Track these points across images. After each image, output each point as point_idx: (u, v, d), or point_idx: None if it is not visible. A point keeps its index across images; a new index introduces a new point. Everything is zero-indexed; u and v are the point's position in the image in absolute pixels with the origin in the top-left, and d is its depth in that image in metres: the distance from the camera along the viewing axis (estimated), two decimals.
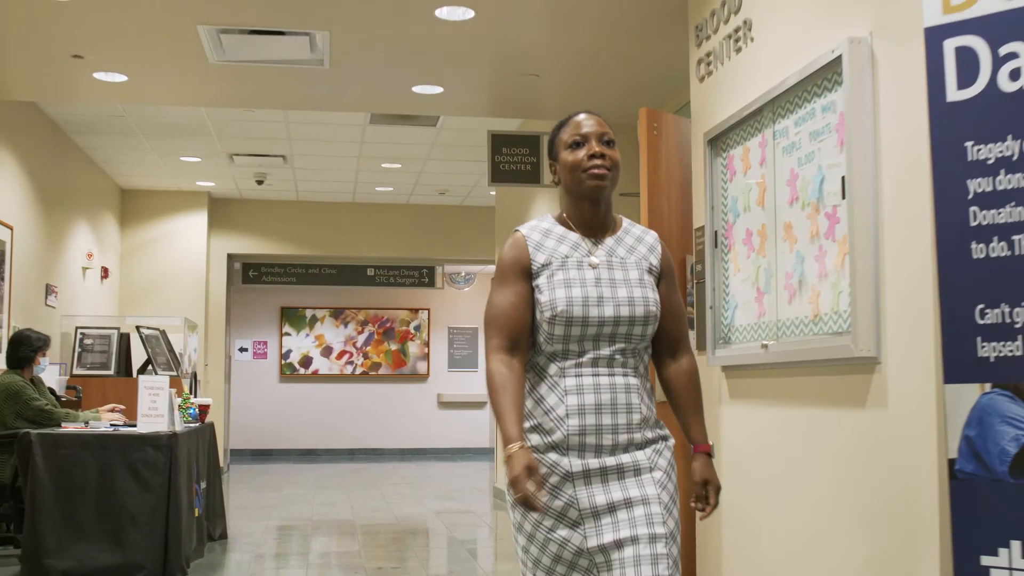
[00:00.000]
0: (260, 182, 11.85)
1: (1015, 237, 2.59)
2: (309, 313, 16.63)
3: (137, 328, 9.16)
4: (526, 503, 2.36)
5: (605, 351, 2.54)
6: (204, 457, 7.09)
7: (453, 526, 8.74)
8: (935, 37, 2.81)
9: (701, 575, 4.77)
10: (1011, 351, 2.59)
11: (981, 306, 2.64)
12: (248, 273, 14.26)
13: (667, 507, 2.51)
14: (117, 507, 5.84)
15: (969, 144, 2.71)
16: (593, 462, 2.49)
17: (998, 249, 2.62)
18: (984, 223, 2.66)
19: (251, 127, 9.56)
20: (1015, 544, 2.59)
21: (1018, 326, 2.58)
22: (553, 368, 2.55)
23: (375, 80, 7.05)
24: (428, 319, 16.99)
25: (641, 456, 2.52)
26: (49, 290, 9.27)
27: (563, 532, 2.49)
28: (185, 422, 6.68)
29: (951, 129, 2.74)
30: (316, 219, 13.24)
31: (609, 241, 2.65)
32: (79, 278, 10.43)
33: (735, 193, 4.40)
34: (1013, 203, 2.60)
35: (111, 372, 9.04)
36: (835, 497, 3.50)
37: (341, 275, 14.56)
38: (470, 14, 5.72)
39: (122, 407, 7.04)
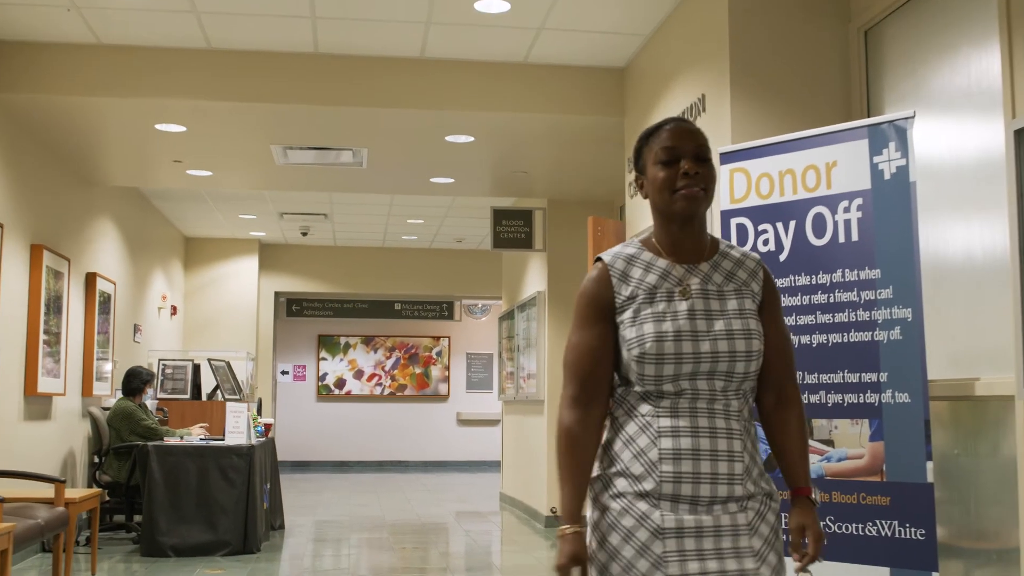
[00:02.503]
0: (304, 233, 13.96)
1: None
2: (343, 340, 18.73)
3: (208, 360, 11.25)
4: None
5: (704, 391, 2.27)
6: (268, 464, 9.15)
7: (466, 523, 10.77)
8: (725, 216, 4.84)
9: None
10: None
11: None
12: (291, 307, 16.43)
13: None
14: (210, 499, 7.91)
15: None
16: (688, 519, 2.22)
17: None
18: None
19: (300, 195, 11.66)
20: None
21: None
22: (645, 407, 2.29)
23: (401, 175, 9.14)
24: (448, 346, 19.04)
25: (742, 519, 2.24)
26: (136, 329, 11.39)
27: None
28: (256, 437, 8.75)
29: None
30: (351, 262, 15.34)
31: (704, 267, 2.37)
32: (155, 316, 12.54)
33: None
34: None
35: (187, 396, 11.11)
36: None
37: (372, 309, 16.73)
38: (471, 139, 7.81)
39: (207, 424, 9.14)
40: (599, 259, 2.42)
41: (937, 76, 4.62)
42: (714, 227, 5.04)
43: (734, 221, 4.78)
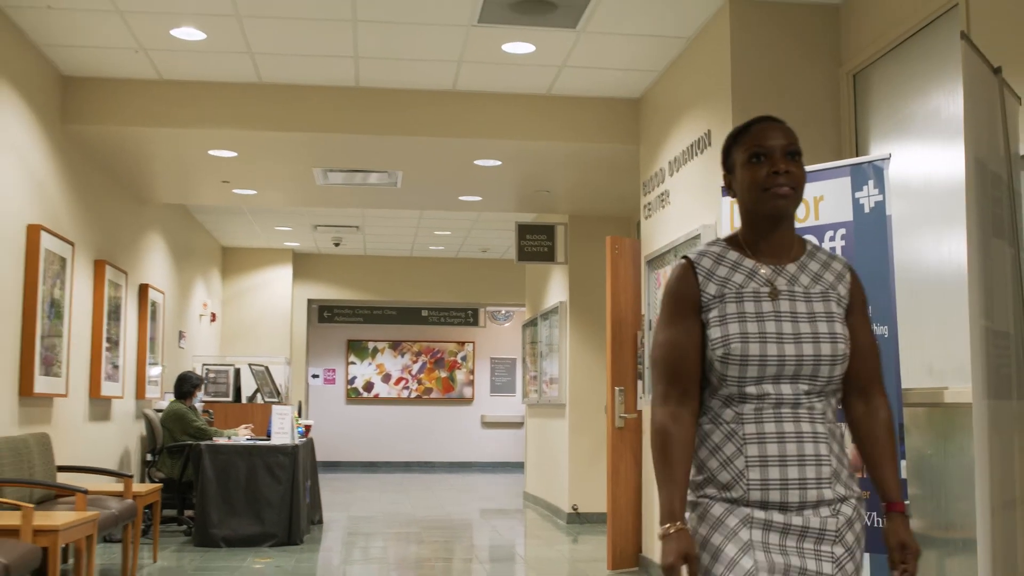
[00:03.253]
0: (337, 244, 14.64)
1: None
2: (372, 345, 19.40)
3: (249, 365, 11.94)
4: None
5: (788, 395, 2.26)
6: (308, 462, 9.81)
7: (492, 519, 11.41)
8: None
9: None
10: None
11: None
12: (323, 314, 17.13)
13: None
14: (258, 495, 8.58)
15: None
16: (777, 516, 2.23)
17: None
18: None
19: (334, 208, 12.33)
20: None
21: None
22: (729, 413, 2.28)
23: (432, 193, 9.80)
24: (473, 351, 19.69)
25: (831, 524, 2.25)
26: (181, 335, 12.08)
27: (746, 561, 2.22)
28: (298, 437, 9.41)
29: None
30: (380, 270, 16.01)
31: (791, 268, 2.35)
32: (197, 323, 13.24)
33: (658, 299, 7.05)
34: None
35: (229, 399, 11.79)
36: None
37: (400, 315, 17.43)
38: (498, 163, 8.45)
39: (251, 425, 9.82)
40: (685, 257, 2.39)
41: (915, 114, 5.23)
42: None
43: None
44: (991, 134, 3.96)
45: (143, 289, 9.89)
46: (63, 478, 7.02)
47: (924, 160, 5.15)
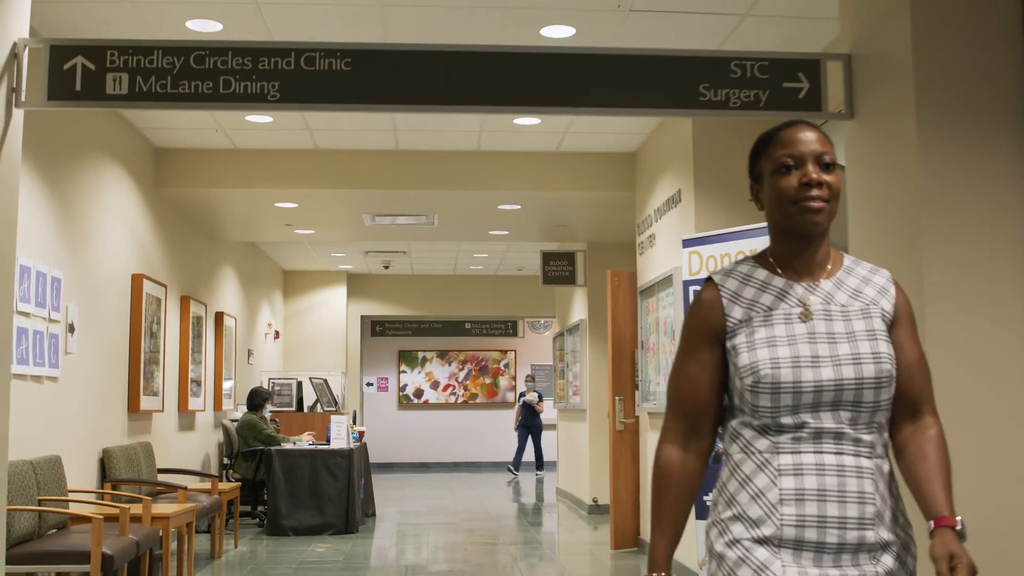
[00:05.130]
0: (386, 267, 16.22)
1: None
2: (421, 355, 20.98)
3: (309, 378, 13.52)
4: None
5: (829, 423, 2.01)
6: (362, 463, 11.34)
7: (526, 511, 12.88)
8: (686, 285, 6.86)
9: None
10: None
11: None
12: (375, 328, 18.79)
13: None
14: (320, 491, 10.13)
15: None
16: (812, 572, 1.97)
17: None
18: None
19: (386, 239, 13.88)
20: None
21: None
22: (763, 443, 2.05)
23: (464, 230, 11.34)
24: (515, 358, 21.20)
25: (870, 572, 1.97)
26: (249, 353, 13.70)
27: None
28: (353, 442, 10.95)
29: None
30: (426, 288, 17.58)
31: (826, 285, 2.13)
32: (263, 341, 14.86)
33: (649, 323, 8.49)
34: None
35: (292, 409, 13.37)
36: None
37: (445, 328, 19.05)
38: (519, 207, 9.95)
39: (313, 432, 11.40)
40: (709, 278, 2.19)
41: None
42: (676, 296, 7.10)
43: (692, 288, 6.83)
44: None
45: (219, 316, 11.50)
46: (162, 478, 8.61)
47: None
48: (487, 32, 6.22)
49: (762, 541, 2.00)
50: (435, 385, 21.03)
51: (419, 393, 20.96)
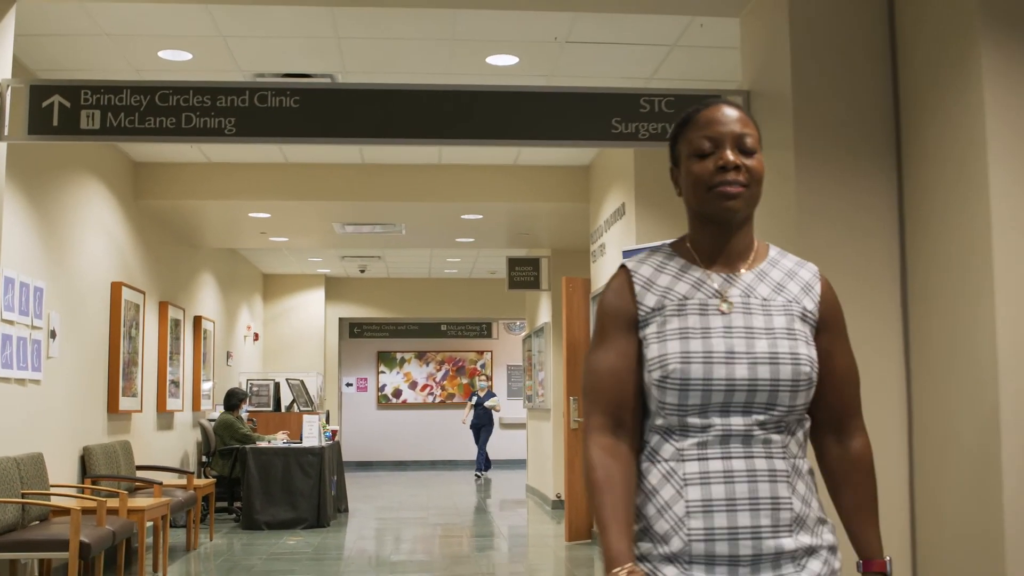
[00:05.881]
0: (362, 271, 16.73)
1: None
2: (399, 356, 21.49)
3: (286, 379, 14.02)
4: None
5: (739, 426, 1.85)
6: (334, 460, 11.85)
7: (495, 507, 13.41)
8: None
9: None
10: None
11: None
12: (353, 330, 19.31)
13: None
14: (292, 487, 10.64)
15: None
16: None
17: None
18: None
19: (359, 246, 14.39)
20: None
21: None
22: (668, 449, 1.89)
23: (432, 237, 11.88)
24: (491, 359, 21.72)
25: None
26: (228, 355, 14.19)
27: None
28: (325, 440, 11.46)
29: None
30: (402, 291, 18.09)
31: (747, 276, 1.97)
32: (242, 343, 15.35)
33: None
34: None
35: (270, 408, 13.86)
36: None
37: (421, 330, 19.59)
38: (481, 216, 10.47)
39: (288, 431, 11.90)
40: (622, 265, 2.04)
41: None
42: None
43: None
44: None
45: (197, 320, 12.00)
46: (141, 474, 9.11)
47: None
48: (437, 61, 6.74)
49: (671, 559, 1.84)
50: (413, 385, 21.54)
51: (397, 393, 21.47)
